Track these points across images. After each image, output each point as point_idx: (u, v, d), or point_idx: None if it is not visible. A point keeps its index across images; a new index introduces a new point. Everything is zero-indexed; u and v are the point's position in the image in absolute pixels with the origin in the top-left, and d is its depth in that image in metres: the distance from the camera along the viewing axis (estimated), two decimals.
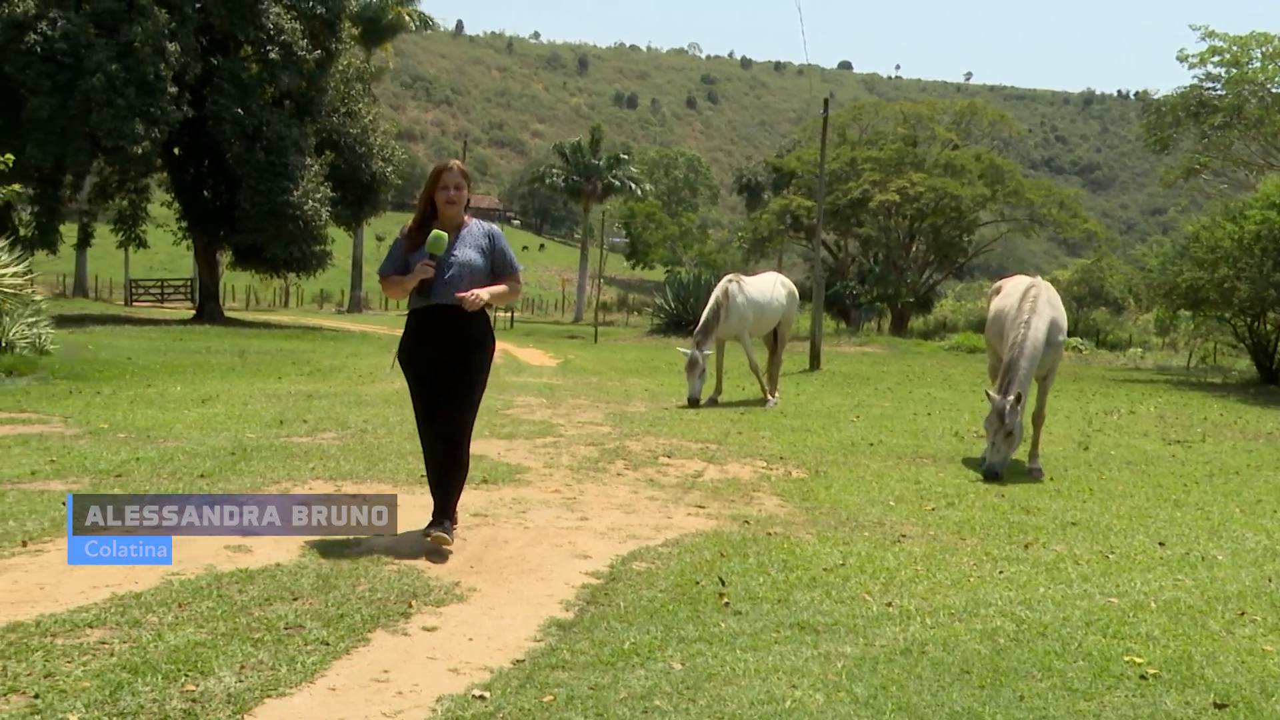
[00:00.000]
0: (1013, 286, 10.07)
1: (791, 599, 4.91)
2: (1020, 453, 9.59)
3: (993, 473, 8.68)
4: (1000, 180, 48.16)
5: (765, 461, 9.18)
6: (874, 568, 5.55)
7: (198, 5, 31.90)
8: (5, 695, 3.36)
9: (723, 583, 5.10)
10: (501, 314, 51.85)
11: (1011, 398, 8.82)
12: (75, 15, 28.97)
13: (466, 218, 5.65)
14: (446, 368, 5.53)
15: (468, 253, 5.51)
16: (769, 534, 6.27)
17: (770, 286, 14.95)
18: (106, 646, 3.82)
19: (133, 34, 28.90)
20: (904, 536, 6.39)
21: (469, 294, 5.38)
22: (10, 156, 14.93)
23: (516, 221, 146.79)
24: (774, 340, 15.20)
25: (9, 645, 3.78)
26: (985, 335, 10.84)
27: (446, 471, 5.62)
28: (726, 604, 4.77)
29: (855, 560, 5.69)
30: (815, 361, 23.13)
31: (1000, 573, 5.60)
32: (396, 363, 5.77)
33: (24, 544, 5.19)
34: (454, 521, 5.68)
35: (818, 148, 41.96)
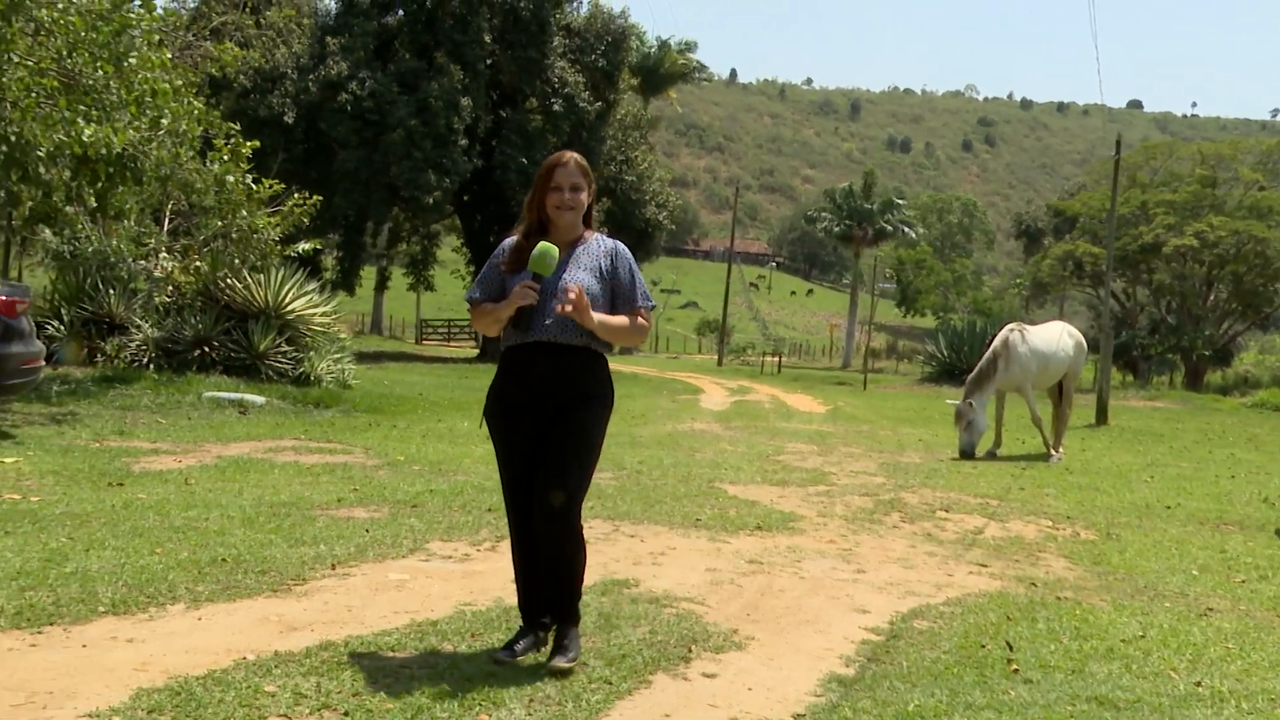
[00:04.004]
0: None
1: (1087, 670, 4.61)
2: None
3: None
4: None
5: (1051, 520, 8.72)
6: (1179, 642, 5.14)
7: (489, 62, 33.90)
8: (319, 711, 3.58)
9: (1010, 648, 4.85)
10: (769, 359, 51.81)
11: None
12: (382, 75, 31.40)
13: (587, 231, 4.37)
14: (546, 425, 4.21)
15: (580, 275, 4.19)
16: (1058, 598, 5.93)
17: (1056, 337, 14.29)
18: (408, 670, 4.02)
19: (430, 90, 31.00)
20: (1210, 610, 5.91)
21: (573, 290, 4.04)
22: (318, 198, 16.26)
23: (774, 264, 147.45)
24: (1059, 393, 14.51)
25: (322, 663, 4.03)
26: None
27: (550, 559, 4.26)
28: (1015, 670, 4.54)
29: (1157, 633, 5.29)
30: (1102, 416, 21.90)
31: None
32: (485, 423, 4.39)
33: (333, 567, 5.55)
34: (576, 621, 4.34)
35: (1103, 190, 40.00)
